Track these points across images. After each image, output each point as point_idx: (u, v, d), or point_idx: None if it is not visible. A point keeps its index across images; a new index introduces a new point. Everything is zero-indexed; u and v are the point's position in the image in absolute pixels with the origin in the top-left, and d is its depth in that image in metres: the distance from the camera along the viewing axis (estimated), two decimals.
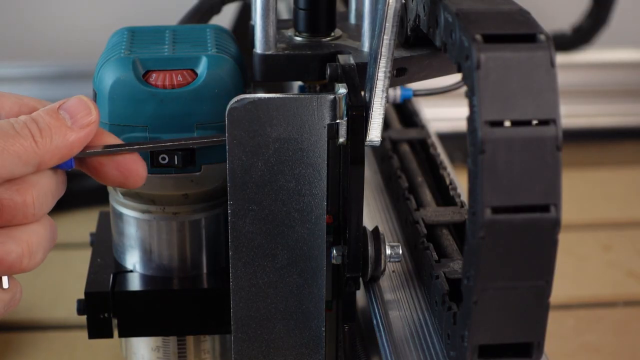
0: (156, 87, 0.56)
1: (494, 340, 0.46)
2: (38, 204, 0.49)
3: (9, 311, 0.51)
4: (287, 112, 0.52)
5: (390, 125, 0.79)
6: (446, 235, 0.60)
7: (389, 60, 0.51)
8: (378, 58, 0.51)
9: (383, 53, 0.51)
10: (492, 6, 0.47)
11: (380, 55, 0.51)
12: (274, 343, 0.56)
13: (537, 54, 0.44)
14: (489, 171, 0.43)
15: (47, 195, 0.50)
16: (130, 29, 0.61)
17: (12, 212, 0.48)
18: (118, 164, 0.52)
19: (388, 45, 0.51)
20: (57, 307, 0.90)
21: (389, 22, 0.50)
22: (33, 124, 0.49)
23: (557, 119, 0.43)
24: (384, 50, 0.51)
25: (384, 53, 0.51)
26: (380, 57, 0.51)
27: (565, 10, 1.14)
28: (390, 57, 0.51)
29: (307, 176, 0.53)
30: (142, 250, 0.61)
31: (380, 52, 0.51)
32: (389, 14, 0.50)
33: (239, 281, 0.55)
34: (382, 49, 0.51)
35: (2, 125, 0.48)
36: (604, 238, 1.05)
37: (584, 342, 0.87)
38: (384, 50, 0.51)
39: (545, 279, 0.45)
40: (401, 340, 0.54)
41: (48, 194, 0.50)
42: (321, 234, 0.54)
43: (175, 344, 0.63)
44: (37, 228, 0.50)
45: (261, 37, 0.56)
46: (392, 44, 0.51)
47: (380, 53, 0.51)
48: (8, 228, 0.49)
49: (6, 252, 0.49)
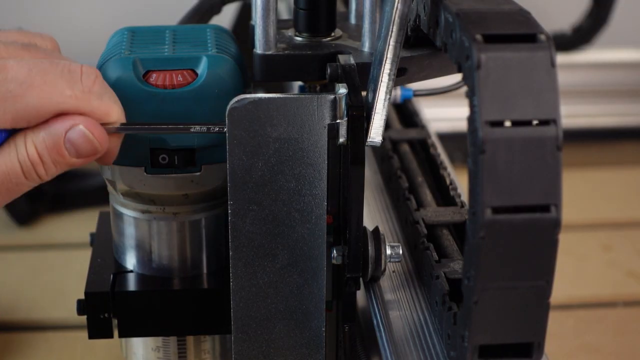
0: (156, 87, 0.56)
1: (495, 340, 0.46)
2: None
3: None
4: (288, 112, 0.52)
5: (391, 125, 0.79)
6: (446, 235, 0.60)
7: (394, 63, 0.51)
8: (384, 61, 0.51)
9: (389, 56, 0.51)
10: (493, 6, 0.47)
11: (385, 58, 0.51)
12: (274, 343, 0.56)
13: (537, 54, 0.44)
14: (490, 171, 0.43)
15: None
16: (130, 29, 0.61)
17: None
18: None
19: (394, 49, 0.51)
20: (57, 307, 0.90)
21: (396, 25, 0.50)
22: (39, 165, 0.50)
23: (558, 119, 0.43)
24: (389, 54, 0.51)
25: (389, 56, 0.51)
26: (385, 60, 0.51)
27: (565, 10, 1.14)
28: (396, 60, 0.51)
29: (307, 176, 0.53)
30: (142, 250, 0.61)
31: (386, 55, 0.51)
32: (396, 17, 0.50)
33: (239, 281, 0.55)
34: (388, 52, 0.51)
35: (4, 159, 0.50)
36: (604, 238, 1.05)
37: (583, 343, 0.87)
38: (390, 54, 0.51)
39: (545, 279, 0.45)
40: (401, 341, 0.54)
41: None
42: (321, 234, 0.54)
43: (176, 344, 0.63)
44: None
45: (261, 37, 0.56)
46: (399, 47, 0.51)
47: (385, 56, 0.51)
48: None
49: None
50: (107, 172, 0.58)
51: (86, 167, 1.08)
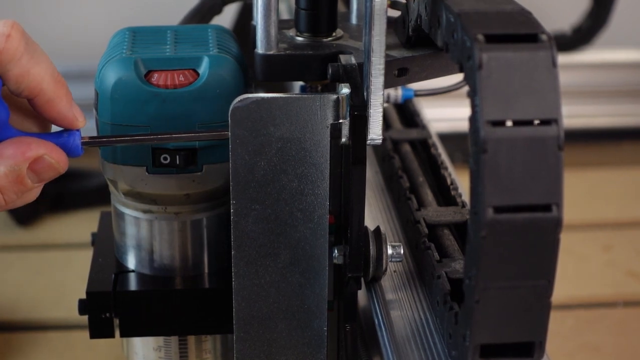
0: (158, 87, 0.56)
1: (496, 339, 0.46)
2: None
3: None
4: (290, 111, 0.52)
5: (392, 126, 0.79)
6: (447, 235, 0.60)
7: (381, 57, 0.51)
8: (370, 55, 0.51)
9: (374, 49, 0.51)
10: (494, 6, 0.47)
11: (372, 51, 0.51)
12: (276, 342, 0.56)
13: (538, 54, 0.44)
14: (491, 171, 0.43)
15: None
16: (131, 29, 0.61)
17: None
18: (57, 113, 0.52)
19: (379, 42, 0.51)
20: (58, 307, 0.90)
21: (376, 17, 0.50)
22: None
23: (559, 118, 0.43)
24: (375, 46, 0.51)
25: (375, 49, 0.51)
26: (372, 54, 0.51)
27: (565, 11, 1.14)
28: (382, 54, 0.51)
29: (309, 176, 0.53)
30: (144, 250, 0.61)
31: (371, 49, 0.51)
32: (375, 9, 0.50)
33: (241, 280, 0.55)
34: (373, 46, 0.51)
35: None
36: (604, 238, 1.05)
37: (584, 342, 0.87)
38: (375, 47, 0.51)
39: (546, 278, 0.45)
40: (402, 340, 0.54)
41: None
42: (323, 234, 0.54)
43: (177, 343, 0.63)
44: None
45: (263, 37, 0.56)
46: (383, 39, 0.51)
47: (371, 50, 0.51)
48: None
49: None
50: (109, 172, 0.58)
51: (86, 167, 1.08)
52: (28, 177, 0.50)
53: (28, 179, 0.50)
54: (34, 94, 0.50)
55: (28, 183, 0.50)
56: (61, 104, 0.51)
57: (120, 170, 0.58)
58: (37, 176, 0.50)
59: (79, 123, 0.52)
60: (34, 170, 0.50)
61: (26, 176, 0.50)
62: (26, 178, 0.50)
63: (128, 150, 0.57)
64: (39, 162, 0.50)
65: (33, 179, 0.50)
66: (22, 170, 0.50)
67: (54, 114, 0.51)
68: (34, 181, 0.50)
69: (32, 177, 0.50)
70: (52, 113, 0.51)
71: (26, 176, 0.50)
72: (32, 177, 0.50)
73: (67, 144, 0.52)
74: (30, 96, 0.50)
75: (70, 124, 0.52)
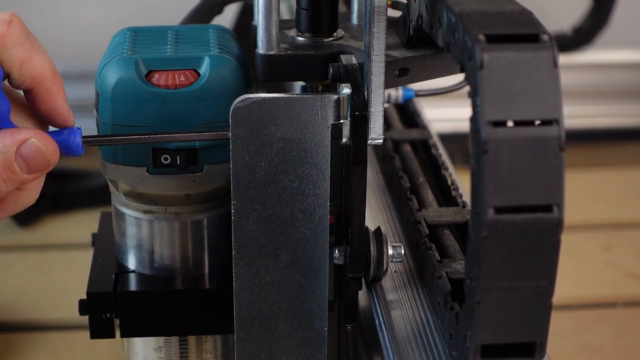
0: (159, 87, 0.56)
1: (497, 340, 0.46)
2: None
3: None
4: (291, 112, 0.52)
5: (392, 126, 0.79)
6: (448, 235, 0.60)
7: (382, 57, 0.51)
8: (371, 53, 0.51)
9: (375, 49, 0.51)
10: (495, 6, 0.47)
11: (372, 51, 0.51)
12: (277, 343, 0.56)
13: (540, 54, 0.44)
14: (492, 171, 0.43)
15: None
16: (132, 30, 0.61)
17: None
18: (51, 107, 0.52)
19: (379, 42, 0.51)
20: (58, 307, 0.90)
21: (376, 17, 0.50)
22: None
23: (560, 119, 0.43)
24: (375, 47, 0.51)
25: (375, 49, 0.51)
26: (372, 54, 0.51)
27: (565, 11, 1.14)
28: (383, 54, 0.51)
29: (310, 176, 0.53)
30: (144, 250, 0.61)
31: (372, 49, 0.51)
32: (375, 9, 0.50)
33: (242, 281, 0.55)
34: (373, 45, 0.51)
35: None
36: (604, 238, 1.05)
37: (584, 343, 0.87)
38: (376, 47, 0.51)
39: (547, 279, 0.45)
40: (403, 340, 0.54)
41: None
42: (324, 234, 0.54)
43: (177, 344, 0.63)
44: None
45: (264, 38, 0.56)
46: (383, 39, 0.51)
47: (372, 50, 0.51)
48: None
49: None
50: (109, 172, 0.58)
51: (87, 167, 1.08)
52: (17, 164, 0.49)
53: (16, 165, 0.49)
54: (36, 83, 0.50)
55: (17, 170, 0.49)
56: (59, 97, 0.52)
57: (120, 171, 0.58)
58: (26, 164, 0.50)
59: (72, 121, 0.53)
60: (22, 155, 0.49)
61: (14, 161, 0.49)
62: (14, 163, 0.49)
63: (128, 150, 0.57)
64: (27, 146, 0.50)
65: (22, 167, 0.50)
66: (10, 153, 0.49)
67: (51, 106, 0.51)
68: (23, 170, 0.50)
69: (21, 164, 0.50)
70: (49, 105, 0.51)
71: (14, 161, 0.49)
72: (21, 164, 0.50)
73: (68, 142, 0.52)
74: (31, 85, 0.50)
75: (64, 120, 0.52)
